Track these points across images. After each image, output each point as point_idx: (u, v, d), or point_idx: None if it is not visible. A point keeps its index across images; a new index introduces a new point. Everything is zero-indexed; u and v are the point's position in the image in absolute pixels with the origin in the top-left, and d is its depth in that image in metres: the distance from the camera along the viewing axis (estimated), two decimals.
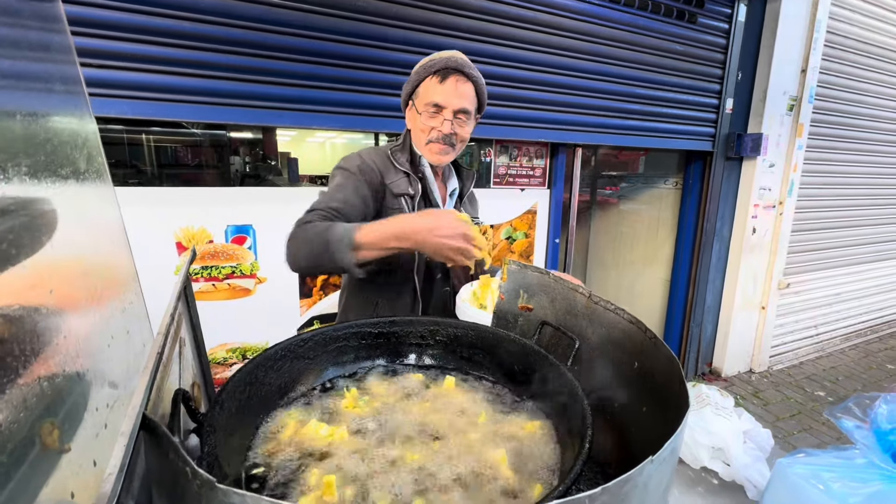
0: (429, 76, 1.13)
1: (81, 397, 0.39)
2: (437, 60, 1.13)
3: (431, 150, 1.17)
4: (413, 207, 1.16)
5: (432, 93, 1.13)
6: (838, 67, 3.61)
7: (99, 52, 1.59)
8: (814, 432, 3.06)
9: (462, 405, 0.74)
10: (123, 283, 0.53)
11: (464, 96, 1.14)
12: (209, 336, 2.05)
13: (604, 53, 2.61)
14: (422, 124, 1.15)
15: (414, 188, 1.16)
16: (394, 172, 1.17)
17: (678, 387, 0.49)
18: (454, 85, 1.12)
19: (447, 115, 1.13)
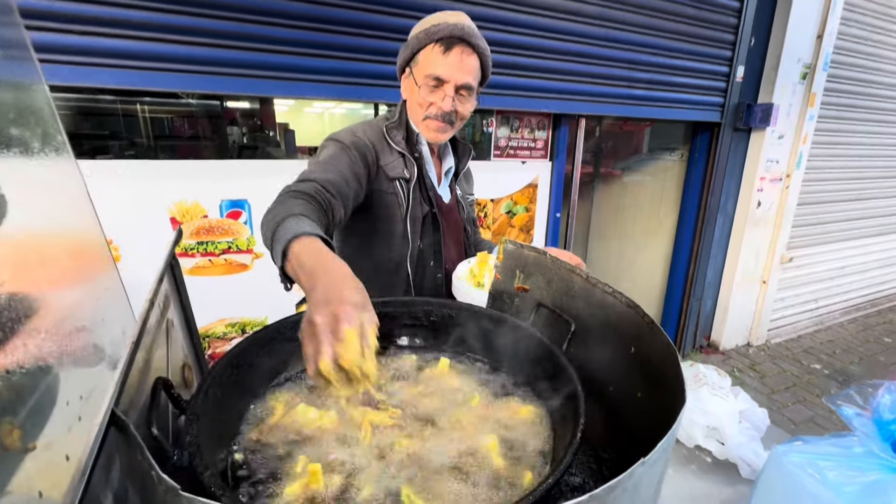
0: (431, 43, 1.01)
1: (48, 392, 0.37)
2: (442, 27, 1.00)
3: (428, 127, 1.08)
4: (408, 192, 1.07)
5: (434, 64, 1.01)
6: (857, 33, 3.45)
7: (81, 18, 1.51)
8: (808, 404, 3.10)
9: (455, 388, 0.73)
10: (94, 267, 0.50)
11: (468, 70, 1.03)
12: (208, 311, 2.05)
13: (610, 17, 2.48)
14: (420, 98, 1.05)
15: (409, 171, 1.08)
16: (389, 153, 1.08)
17: (674, 377, 0.48)
18: (459, 57, 1.01)
19: (449, 90, 1.02)
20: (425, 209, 1.12)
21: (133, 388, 0.54)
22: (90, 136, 2.57)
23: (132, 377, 0.52)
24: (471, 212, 1.33)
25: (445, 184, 1.23)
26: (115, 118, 2.75)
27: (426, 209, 1.12)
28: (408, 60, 1.08)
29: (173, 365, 0.74)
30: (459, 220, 1.25)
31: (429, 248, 1.15)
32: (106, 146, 2.58)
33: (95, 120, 2.62)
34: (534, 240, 2.84)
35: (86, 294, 0.49)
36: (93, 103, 2.48)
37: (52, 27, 1.48)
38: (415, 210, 1.09)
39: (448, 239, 1.20)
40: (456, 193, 1.26)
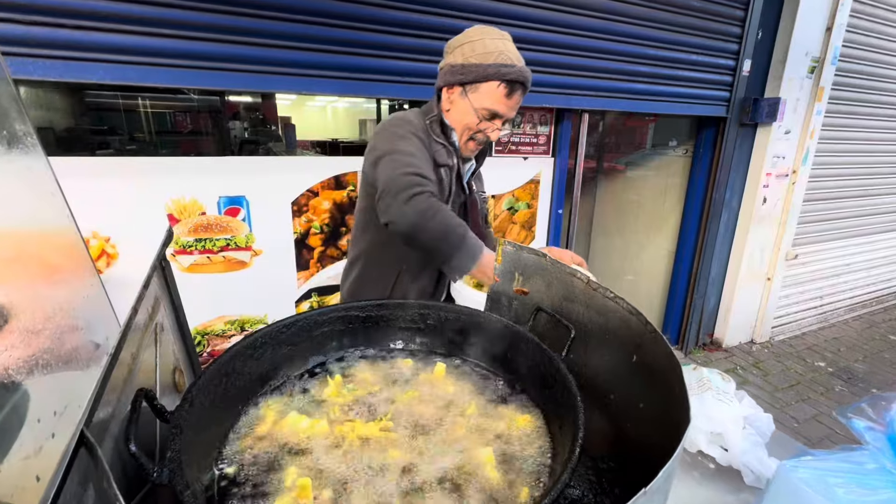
0: (500, 82, 1.08)
1: (15, 411, 0.35)
2: (512, 70, 1.07)
3: (469, 146, 1.18)
4: (452, 179, 1.15)
5: (496, 102, 1.10)
6: (867, 25, 3.38)
7: (76, 12, 1.48)
8: (812, 402, 3.08)
9: (451, 395, 0.71)
10: (70, 271, 0.48)
11: (517, 108, 1.15)
12: (206, 308, 2.04)
13: (613, 10, 2.43)
14: (472, 121, 1.13)
15: (452, 160, 1.15)
16: (434, 142, 1.15)
17: (678, 391, 0.45)
18: (517, 100, 1.12)
19: (499, 123, 1.14)
20: (462, 197, 1.22)
21: (114, 400, 0.52)
22: (92, 131, 2.55)
23: (114, 388, 0.51)
24: (484, 208, 1.39)
25: (465, 182, 1.29)
26: (117, 114, 2.73)
27: (463, 197, 1.22)
28: (467, 81, 1.10)
29: (163, 370, 0.72)
30: (478, 217, 1.32)
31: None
32: (107, 141, 2.56)
33: (96, 116, 2.60)
34: (536, 236, 2.81)
35: (60, 301, 0.47)
36: (93, 99, 2.46)
37: (46, 21, 1.45)
38: (455, 197, 1.18)
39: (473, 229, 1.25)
40: (474, 191, 1.32)
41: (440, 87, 1.17)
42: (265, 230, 2.02)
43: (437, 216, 0.93)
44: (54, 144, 2.07)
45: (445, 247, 0.93)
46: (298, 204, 2.08)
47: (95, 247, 1.75)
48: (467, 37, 1.10)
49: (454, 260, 0.93)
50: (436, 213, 0.93)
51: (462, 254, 0.93)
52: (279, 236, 2.08)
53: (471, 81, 1.09)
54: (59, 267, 0.49)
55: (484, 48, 1.07)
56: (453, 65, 1.11)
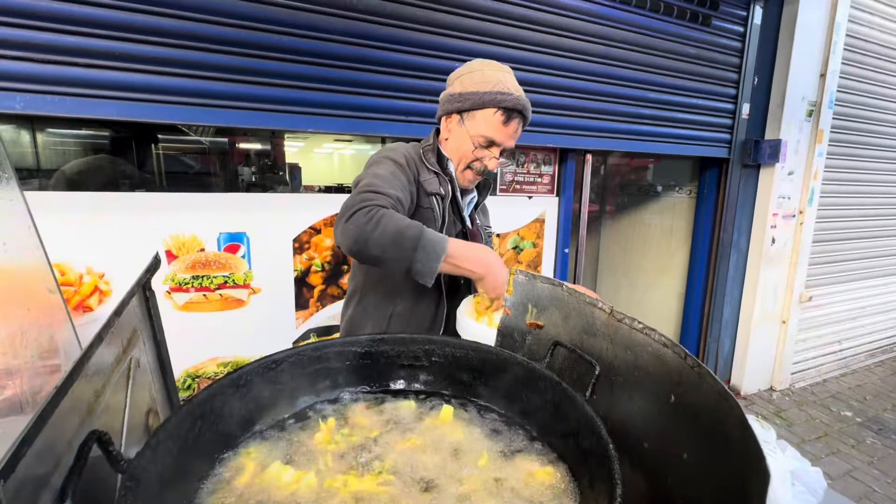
0: (495, 109, 1.07)
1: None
2: (509, 98, 1.06)
3: (466, 176, 1.16)
4: (444, 209, 1.11)
5: (493, 129, 1.08)
6: (859, 72, 3.48)
7: (89, 51, 1.52)
8: (843, 456, 2.86)
9: (459, 443, 0.62)
10: (25, 297, 0.42)
11: (516, 138, 1.14)
12: (199, 349, 1.95)
13: (614, 56, 2.51)
14: (468, 149, 1.11)
15: (444, 189, 1.12)
16: (426, 171, 1.13)
17: (740, 437, 0.37)
18: (514, 128, 1.10)
19: (496, 152, 1.12)
20: (458, 227, 1.17)
21: (65, 443, 0.44)
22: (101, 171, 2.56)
23: (64, 427, 0.43)
24: (489, 242, 1.33)
25: (467, 213, 1.26)
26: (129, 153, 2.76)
27: (459, 227, 1.17)
28: (464, 109, 1.11)
29: (134, 412, 0.64)
30: None
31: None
32: (116, 181, 2.57)
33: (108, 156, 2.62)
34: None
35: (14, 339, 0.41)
36: (103, 140, 2.49)
37: (60, 60, 1.49)
38: (449, 227, 1.13)
39: None
40: (476, 223, 1.28)
41: (439, 117, 1.17)
42: (265, 268, 1.97)
43: (382, 223, 0.88)
44: (64, 182, 2.07)
45: (400, 252, 0.88)
46: (300, 241, 2.04)
47: (88, 283, 1.69)
48: (468, 68, 1.12)
49: (416, 263, 0.88)
50: (379, 221, 0.88)
51: (421, 253, 0.87)
52: (279, 274, 2.02)
53: (468, 109, 1.09)
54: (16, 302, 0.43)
55: (483, 77, 1.08)
56: (452, 94, 1.11)
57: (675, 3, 2.63)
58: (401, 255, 0.88)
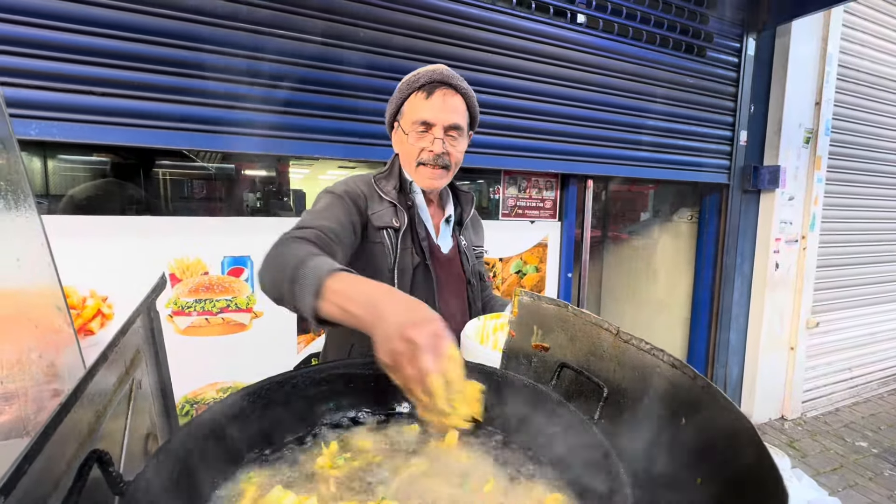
0: (413, 92, 1.05)
1: None
2: (422, 74, 1.04)
3: (423, 175, 1.06)
4: (397, 241, 1.03)
5: (419, 109, 1.03)
6: (853, 101, 3.55)
7: (103, 81, 1.57)
8: (860, 489, 2.75)
9: (465, 468, 0.60)
10: (37, 318, 0.42)
11: (454, 110, 1.04)
12: (200, 374, 1.93)
13: (613, 85, 2.58)
14: (410, 146, 1.05)
15: (399, 220, 1.04)
16: (378, 202, 1.05)
17: (756, 460, 0.36)
18: (442, 99, 1.02)
19: (437, 132, 1.03)
20: (416, 260, 1.06)
21: (64, 464, 0.43)
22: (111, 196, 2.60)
23: (63, 449, 0.42)
24: (477, 264, 1.24)
25: (446, 233, 1.16)
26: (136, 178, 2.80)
27: (417, 260, 1.06)
28: (394, 114, 1.11)
29: (134, 435, 0.63)
30: (461, 272, 1.17)
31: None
32: (123, 205, 2.60)
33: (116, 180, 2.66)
34: None
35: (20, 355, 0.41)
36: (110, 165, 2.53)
37: (74, 89, 1.54)
38: (403, 261, 1.04)
39: (445, 292, 1.11)
40: (459, 243, 1.18)
41: (390, 135, 1.16)
42: None
43: (276, 257, 0.75)
44: (71, 207, 2.11)
45: (286, 290, 0.69)
46: None
47: (91, 306, 1.69)
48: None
49: (295, 300, 0.68)
50: (274, 256, 0.76)
51: (297, 288, 0.66)
52: None
53: (396, 111, 1.09)
54: (26, 322, 0.43)
55: (401, 81, 1.08)
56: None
57: (671, 35, 2.72)
58: (287, 293, 0.70)
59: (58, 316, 0.46)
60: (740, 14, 3.00)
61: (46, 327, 0.44)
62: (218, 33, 1.72)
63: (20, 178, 0.44)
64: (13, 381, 0.37)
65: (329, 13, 1.89)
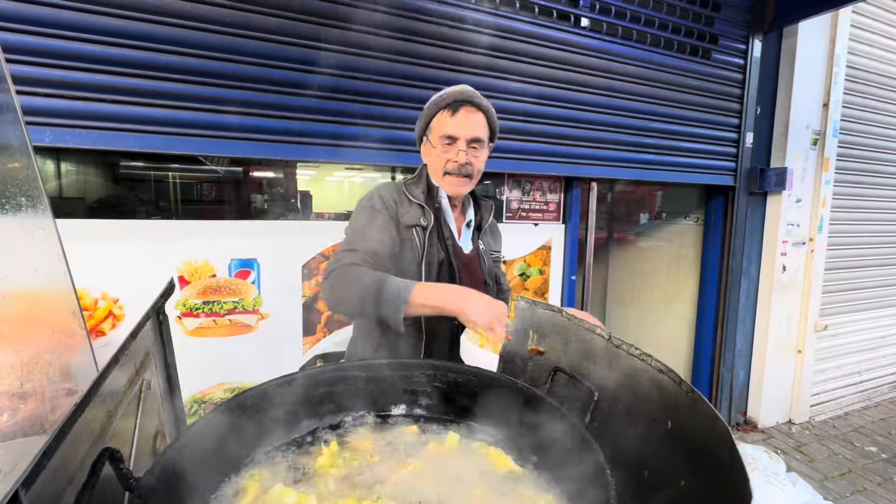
0: (440, 111, 1.18)
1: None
2: (448, 95, 1.17)
3: (449, 182, 1.19)
4: (424, 238, 1.15)
5: (445, 125, 1.16)
6: (862, 101, 3.51)
7: (116, 89, 1.62)
8: (869, 494, 2.72)
9: (460, 469, 0.62)
10: (53, 321, 0.45)
11: (475, 125, 1.17)
12: (207, 374, 1.97)
13: (617, 88, 2.59)
14: (437, 157, 1.19)
15: (426, 219, 1.16)
16: (407, 204, 1.18)
17: (730, 462, 0.38)
18: (465, 116, 1.16)
19: (461, 145, 1.16)
20: (441, 255, 1.17)
21: (77, 462, 0.46)
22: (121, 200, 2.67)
23: (77, 447, 0.45)
24: (493, 268, 1.33)
25: (467, 236, 1.27)
26: (147, 183, 2.87)
27: (442, 256, 1.18)
28: (423, 129, 1.24)
29: (143, 434, 0.65)
30: (480, 274, 1.27)
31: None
32: (134, 210, 2.66)
33: (128, 185, 2.73)
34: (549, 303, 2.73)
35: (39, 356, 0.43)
36: (125, 170, 2.60)
37: (87, 97, 1.58)
38: (430, 255, 1.15)
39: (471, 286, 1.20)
40: (478, 247, 1.29)
41: (419, 148, 1.28)
42: (273, 293, 2.00)
43: (350, 284, 0.97)
44: (83, 211, 2.15)
45: (370, 307, 0.94)
46: (309, 267, 2.08)
47: (103, 308, 1.73)
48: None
49: (382, 314, 0.93)
50: (348, 282, 0.98)
51: (384, 306, 0.93)
52: (287, 300, 2.05)
53: (425, 126, 1.22)
54: (37, 322, 0.46)
55: (429, 101, 1.21)
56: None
57: (675, 38, 2.72)
58: (373, 310, 0.94)
59: (72, 320, 0.48)
60: (746, 15, 2.99)
61: (62, 331, 0.47)
62: (227, 41, 1.75)
63: (37, 185, 0.46)
64: (31, 381, 0.40)
65: (337, 20, 1.92)
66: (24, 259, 0.40)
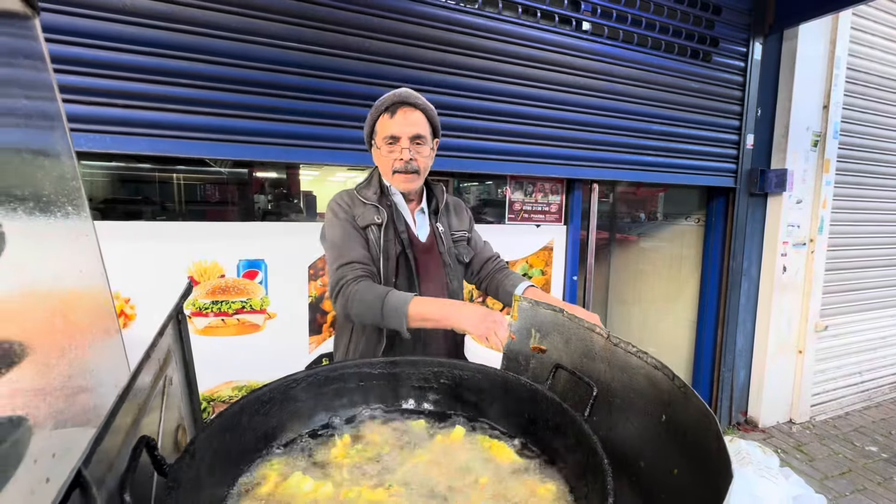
0: (381, 114, 1.24)
1: (15, 447, 0.34)
2: (385, 98, 1.24)
3: (398, 180, 1.26)
4: (380, 235, 1.24)
5: (386, 127, 1.23)
6: (862, 103, 3.54)
7: (126, 94, 1.66)
8: (869, 494, 2.75)
9: (466, 459, 0.66)
10: (97, 327, 0.49)
11: (414, 123, 1.23)
12: (215, 372, 2.01)
13: (618, 91, 2.62)
14: (384, 158, 1.25)
15: (381, 217, 1.24)
16: (360, 206, 1.26)
17: (716, 451, 0.41)
18: (404, 115, 1.22)
19: (404, 143, 1.22)
20: (397, 249, 1.26)
21: (115, 450, 0.49)
22: (128, 201, 2.72)
23: (115, 436, 0.49)
24: (454, 247, 1.39)
25: (423, 223, 1.34)
26: (152, 185, 2.92)
27: (398, 249, 1.26)
28: (370, 135, 1.31)
29: (166, 426, 0.69)
30: (439, 257, 1.33)
31: (404, 286, 1.25)
32: (140, 210, 2.70)
33: (134, 186, 2.78)
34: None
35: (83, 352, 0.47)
36: (133, 171, 2.65)
37: (99, 101, 1.63)
38: (387, 251, 1.24)
39: (424, 277, 1.29)
40: (435, 229, 1.34)
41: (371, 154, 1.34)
42: (280, 293, 2.04)
43: (356, 300, 1.10)
44: (96, 213, 2.20)
45: (375, 319, 1.09)
46: (315, 267, 2.12)
47: (115, 307, 1.78)
48: None
49: (391, 323, 1.07)
50: (353, 299, 1.11)
51: (387, 319, 1.07)
52: (294, 300, 2.09)
53: (371, 132, 1.29)
54: (85, 321, 0.50)
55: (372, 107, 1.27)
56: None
57: (675, 41, 2.75)
58: (381, 321, 1.09)
59: (110, 319, 0.52)
60: (746, 18, 3.01)
61: (102, 329, 0.50)
62: (233, 47, 1.79)
63: (80, 193, 0.50)
64: (77, 375, 0.44)
65: (339, 25, 1.96)
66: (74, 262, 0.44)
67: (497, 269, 1.46)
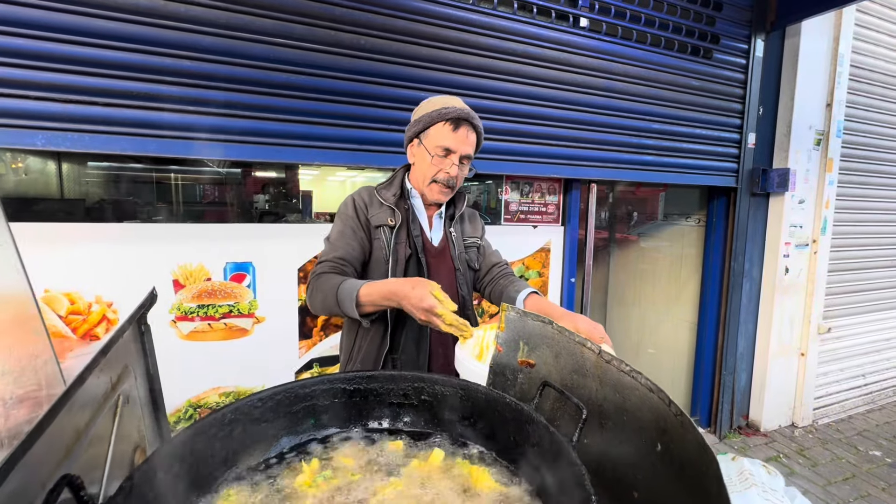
0: (442, 122, 1.23)
1: None
2: (451, 109, 1.23)
3: (433, 190, 1.26)
4: (391, 237, 1.24)
5: (445, 138, 1.22)
6: (866, 101, 3.47)
7: (108, 91, 1.60)
8: (873, 500, 2.69)
9: (444, 488, 0.60)
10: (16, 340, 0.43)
11: (470, 144, 1.26)
12: (202, 378, 1.95)
13: (617, 89, 2.56)
14: (430, 164, 1.24)
15: (395, 219, 1.25)
16: (377, 206, 1.27)
17: (716, 494, 0.36)
18: (465, 133, 1.23)
19: (455, 159, 1.23)
20: (408, 252, 1.25)
21: (36, 486, 0.44)
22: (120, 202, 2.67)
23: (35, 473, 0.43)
24: (465, 252, 1.38)
25: (438, 227, 1.34)
26: (149, 185, 2.86)
27: (409, 252, 1.25)
28: (418, 133, 1.27)
29: (120, 450, 0.64)
30: (450, 262, 1.33)
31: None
32: (135, 212, 2.65)
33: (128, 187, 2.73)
34: None
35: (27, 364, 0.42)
36: (127, 171, 2.59)
37: (81, 100, 1.57)
38: (397, 253, 1.24)
39: (435, 278, 1.26)
40: (449, 235, 1.34)
41: (406, 147, 1.33)
42: (269, 297, 1.99)
43: (318, 291, 1.13)
44: (83, 214, 2.15)
45: (336, 309, 1.09)
46: (305, 270, 2.06)
47: (97, 312, 1.72)
48: (422, 102, 1.30)
49: (346, 311, 1.07)
50: (316, 290, 1.13)
51: (342, 306, 1.07)
52: (283, 303, 2.03)
53: (422, 129, 1.26)
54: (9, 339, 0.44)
55: (430, 103, 1.27)
56: (410, 123, 1.30)
57: (676, 38, 2.69)
58: (338, 311, 1.10)
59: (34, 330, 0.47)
60: (748, 15, 2.95)
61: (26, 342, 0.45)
62: (223, 44, 1.74)
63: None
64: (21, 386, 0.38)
65: (333, 22, 1.90)
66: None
67: (501, 274, 1.44)
